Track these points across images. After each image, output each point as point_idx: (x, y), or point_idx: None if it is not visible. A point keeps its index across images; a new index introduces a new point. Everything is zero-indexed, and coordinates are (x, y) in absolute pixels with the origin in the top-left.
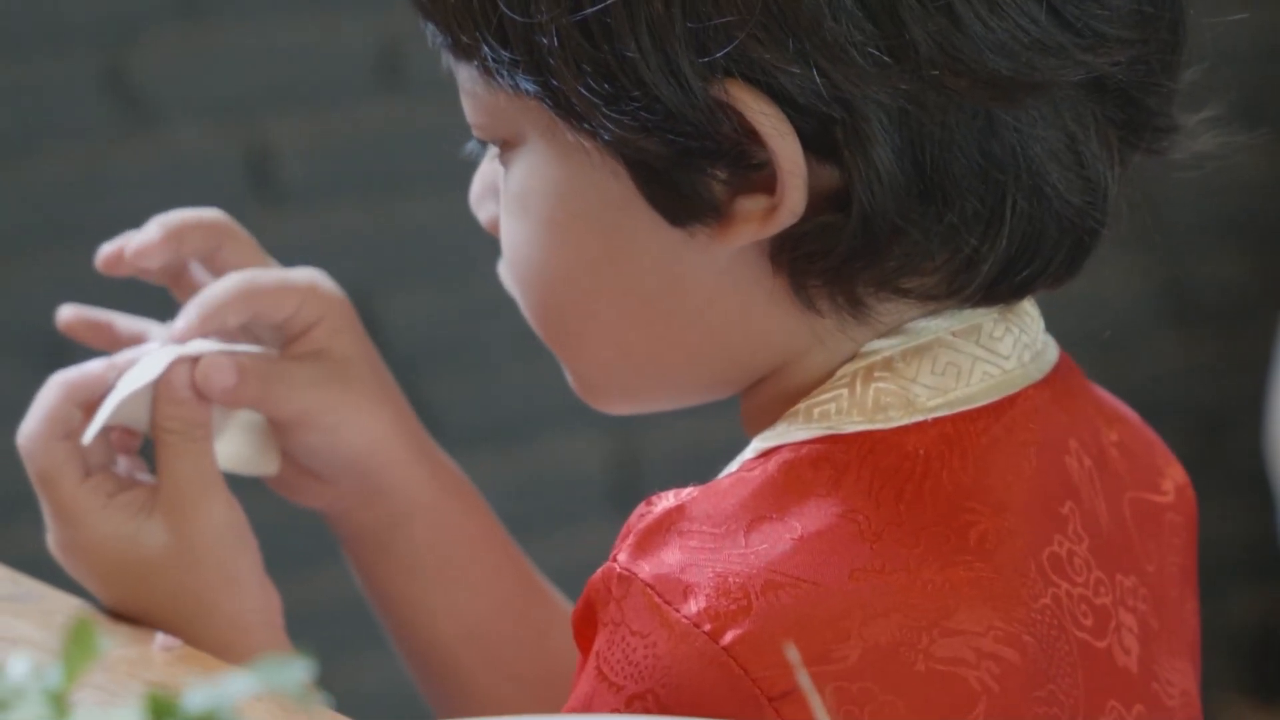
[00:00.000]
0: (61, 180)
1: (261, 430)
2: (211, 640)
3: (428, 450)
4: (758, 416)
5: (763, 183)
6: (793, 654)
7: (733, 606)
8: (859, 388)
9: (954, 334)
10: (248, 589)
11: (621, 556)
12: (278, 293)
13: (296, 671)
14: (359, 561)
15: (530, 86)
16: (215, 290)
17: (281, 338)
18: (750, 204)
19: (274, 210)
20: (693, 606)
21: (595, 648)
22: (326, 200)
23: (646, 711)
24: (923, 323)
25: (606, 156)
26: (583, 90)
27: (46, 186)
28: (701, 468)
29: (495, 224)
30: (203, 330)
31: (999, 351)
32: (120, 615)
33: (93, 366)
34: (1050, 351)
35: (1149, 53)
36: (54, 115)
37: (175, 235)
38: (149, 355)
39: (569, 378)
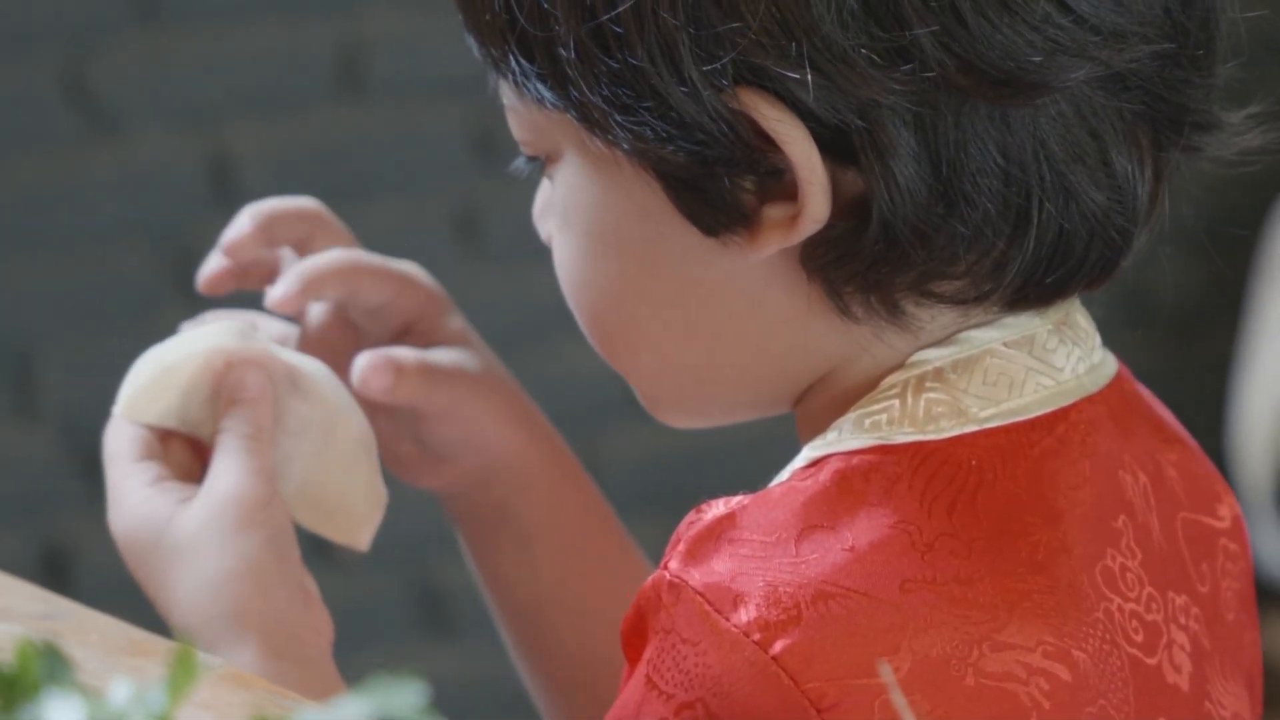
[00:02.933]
0: (23, 188)
1: (368, 468)
2: (225, 644)
3: (543, 430)
4: (809, 424)
5: (787, 190)
6: (886, 671)
7: (782, 616)
8: (910, 398)
9: (1006, 345)
10: (284, 600)
11: (672, 564)
12: (380, 274)
13: (410, 695)
14: (471, 539)
15: (554, 98)
16: (318, 260)
17: (378, 325)
18: (776, 211)
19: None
20: (743, 616)
21: (645, 655)
22: None
23: (694, 719)
24: (974, 333)
25: (637, 168)
26: (599, 100)
27: (8, 194)
28: (660, 474)
29: (551, 240)
30: (302, 298)
31: (1053, 363)
32: (158, 631)
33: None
34: (1108, 365)
35: (1177, 49)
36: (14, 123)
37: (266, 224)
38: (198, 334)
39: (637, 393)
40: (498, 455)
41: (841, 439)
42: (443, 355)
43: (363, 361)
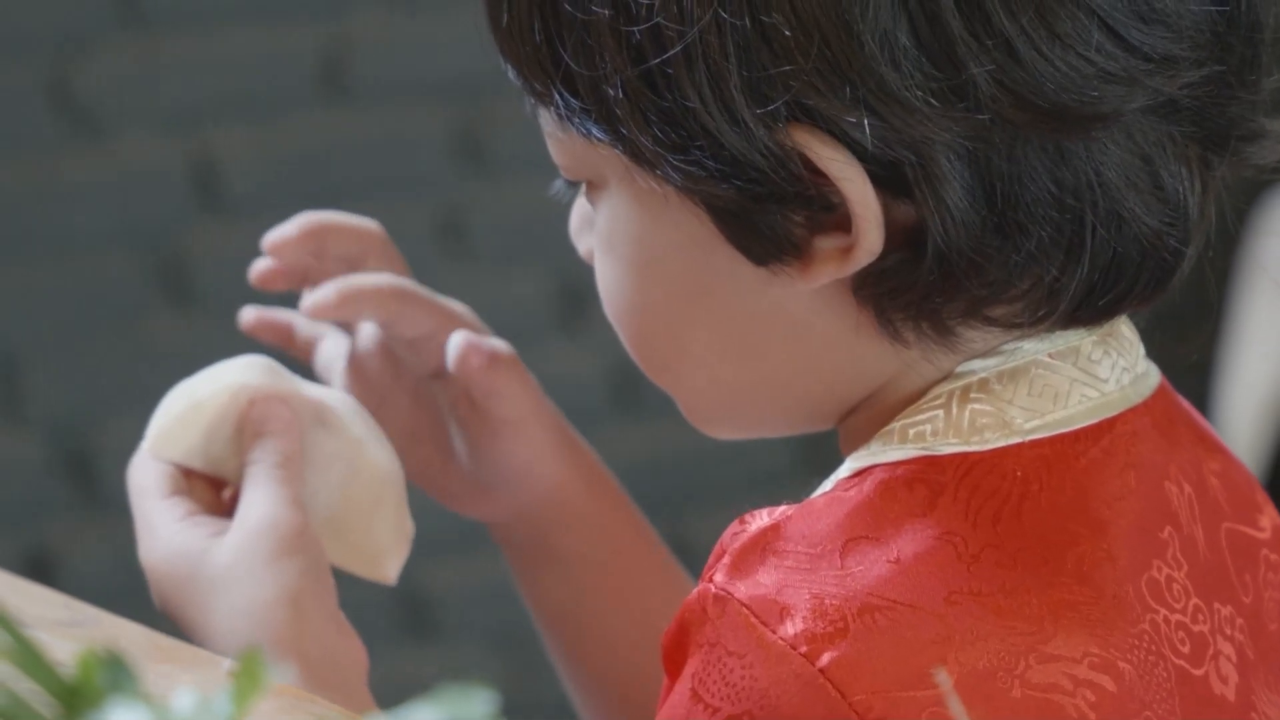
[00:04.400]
0: (8, 193)
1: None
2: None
3: (586, 461)
4: (853, 437)
5: (839, 222)
6: (943, 679)
7: (829, 629)
8: (955, 409)
9: (1051, 356)
10: (322, 627)
11: (717, 577)
12: (424, 306)
13: (481, 703)
14: (519, 570)
15: (601, 134)
16: (364, 278)
17: (417, 359)
18: (828, 243)
19: (220, 220)
20: (789, 628)
21: (689, 669)
22: (272, 210)
23: None
24: (1020, 344)
25: (685, 200)
26: (649, 141)
27: None
28: (649, 477)
29: (590, 256)
30: (337, 310)
31: (1097, 374)
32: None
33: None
34: (1152, 376)
35: (1224, 69)
36: (0, 127)
37: (316, 233)
38: (218, 372)
39: (680, 405)
40: (542, 485)
41: (886, 450)
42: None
43: (465, 342)
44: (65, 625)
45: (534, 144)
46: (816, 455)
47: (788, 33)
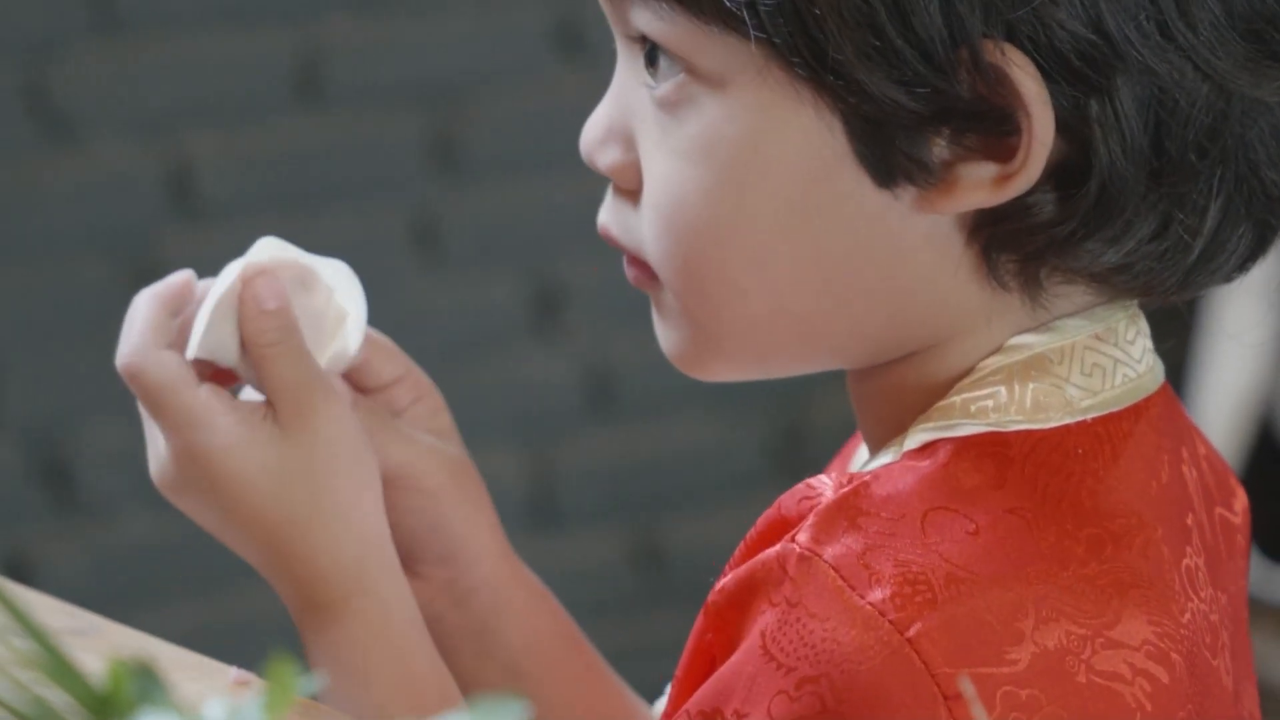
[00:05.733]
0: None
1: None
2: (324, 564)
3: (509, 548)
4: (885, 397)
5: (993, 150)
6: (967, 688)
7: (919, 598)
8: (1016, 387)
9: (1097, 336)
10: (376, 497)
11: (801, 537)
12: (393, 354)
13: (511, 713)
14: (459, 670)
15: (779, 36)
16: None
17: (379, 402)
18: (978, 170)
19: (195, 226)
20: (878, 594)
21: (759, 626)
22: (247, 216)
23: (818, 695)
24: (1067, 321)
25: (824, 110)
26: (847, 43)
27: None
28: (618, 480)
29: (621, 169)
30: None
31: (1133, 355)
32: (194, 643)
33: (176, 277)
34: (1159, 359)
35: None
36: None
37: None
38: (226, 270)
39: (672, 338)
40: (468, 567)
41: (951, 424)
42: (422, 436)
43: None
44: (69, 633)
45: (507, 147)
46: (791, 460)
47: None
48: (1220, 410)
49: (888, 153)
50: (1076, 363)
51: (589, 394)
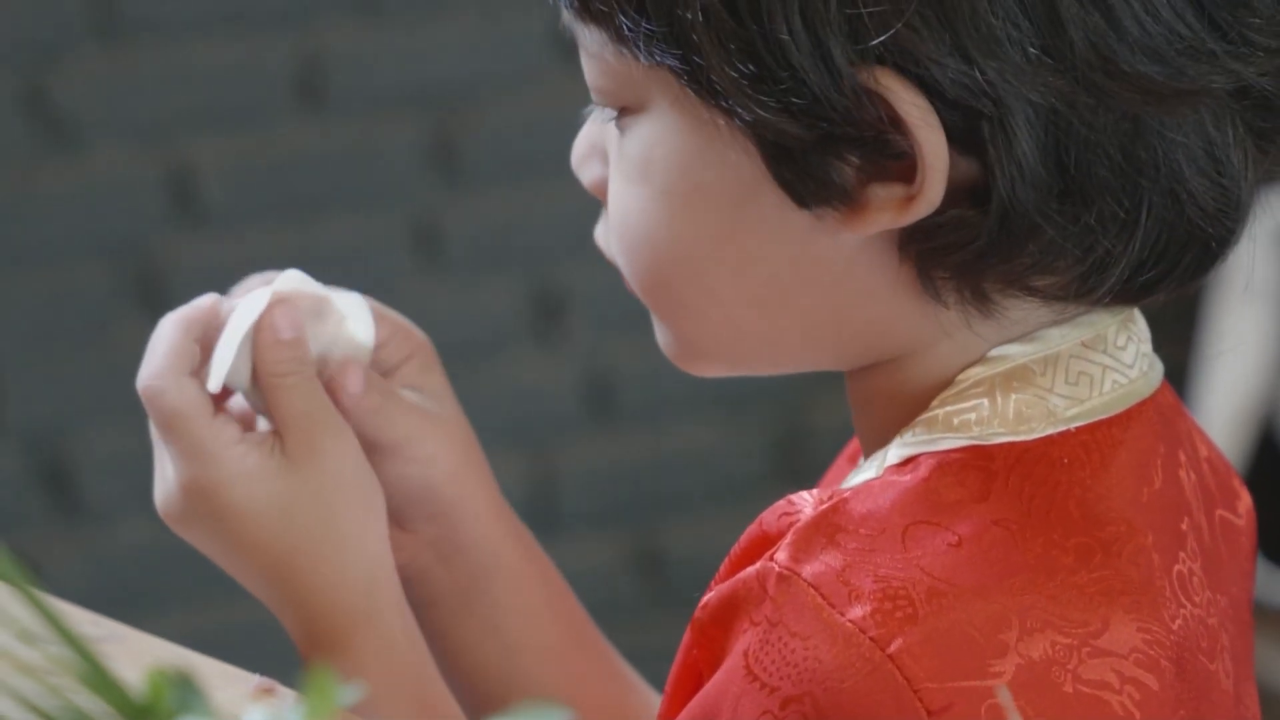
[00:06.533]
0: None
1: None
2: (330, 597)
3: (506, 510)
4: (871, 402)
5: (899, 171)
6: (1004, 696)
7: (899, 614)
8: (999, 399)
9: (1083, 344)
10: (382, 529)
11: (780, 555)
12: (380, 315)
13: (554, 718)
14: (438, 626)
15: (668, 60)
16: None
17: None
18: (885, 192)
19: (195, 232)
20: (858, 611)
21: (741, 646)
22: (248, 221)
23: (802, 714)
24: (1052, 331)
25: (738, 134)
26: (726, 69)
27: None
28: (618, 485)
29: (600, 186)
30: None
31: (1123, 361)
32: (193, 649)
33: (203, 302)
34: (1158, 363)
35: None
36: None
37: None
38: (249, 297)
39: (662, 339)
40: (459, 525)
41: (933, 438)
42: (413, 396)
43: (338, 366)
44: (94, 642)
45: (508, 153)
46: (790, 465)
47: None
48: (1222, 414)
49: (800, 175)
50: (1061, 372)
51: (589, 399)
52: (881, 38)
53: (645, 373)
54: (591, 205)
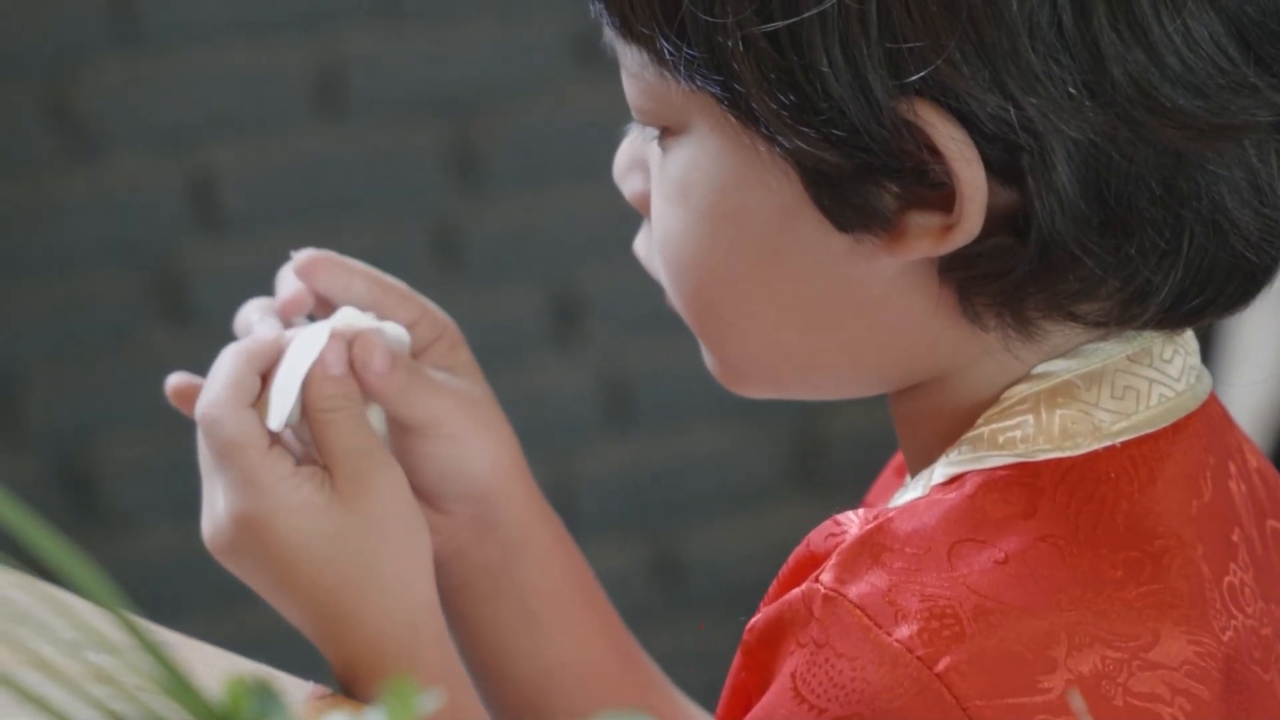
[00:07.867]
0: (5, 210)
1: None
2: (373, 632)
3: (537, 492)
4: (915, 421)
5: (938, 200)
6: (1078, 703)
7: (946, 633)
8: (1044, 415)
9: (1129, 358)
10: (427, 567)
11: (825, 577)
12: (406, 296)
13: None
14: (467, 608)
15: (709, 86)
16: (353, 260)
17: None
18: (924, 220)
19: (216, 238)
20: (904, 630)
21: (788, 668)
22: (269, 228)
23: None
24: (1096, 345)
25: (778, 159)
26: (766, 98)
27: None
28: (637, 490)
29: (641, 199)
30: (327, 272)
31: (1170, 374)
32: (250, 644)
33: (265, 334)
34: (1206, 374)
35: None
36: None
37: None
38: (306, 333)
39: (707, 359)
40: (492, 505)
41: (979, 456)
42: (441, 375)
43: (362, 341)
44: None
45: (528, 158)
46: (808, 470)
47: (934, 7)
48: (1241, 420)
49: (840, 201)
50: (1106, 387)
51: (608, 404)
52: (921, 73)
53: (664, 378)
54: (612, 210)
